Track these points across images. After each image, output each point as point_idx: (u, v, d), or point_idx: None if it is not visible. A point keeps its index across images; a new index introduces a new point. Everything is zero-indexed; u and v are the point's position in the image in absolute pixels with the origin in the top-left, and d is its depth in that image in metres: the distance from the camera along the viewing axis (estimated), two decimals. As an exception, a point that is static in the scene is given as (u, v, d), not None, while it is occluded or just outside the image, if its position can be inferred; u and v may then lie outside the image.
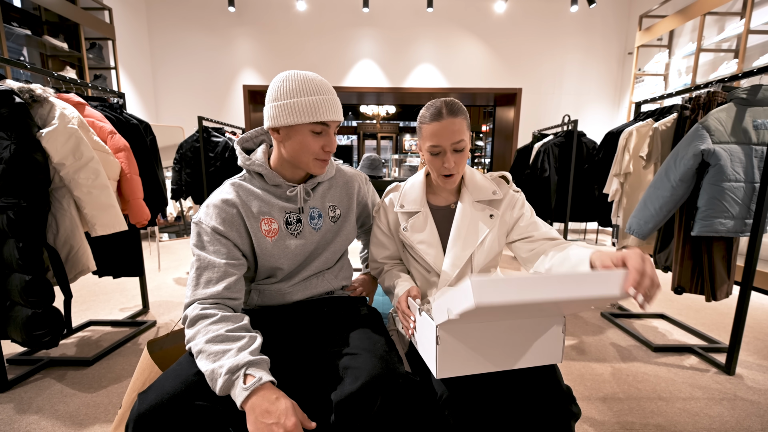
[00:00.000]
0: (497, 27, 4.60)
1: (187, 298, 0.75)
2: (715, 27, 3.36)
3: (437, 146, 0.85)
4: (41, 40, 3.07)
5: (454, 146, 0.85)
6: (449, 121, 0.83)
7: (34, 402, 1.33)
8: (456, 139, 0.84)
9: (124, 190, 1.66)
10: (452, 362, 0.67)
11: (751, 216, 1.47)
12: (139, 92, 4.35)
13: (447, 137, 0.84)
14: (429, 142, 0.86)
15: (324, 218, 0.91)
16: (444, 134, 0.84)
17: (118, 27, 3.86)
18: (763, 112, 1.46)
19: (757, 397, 1.39)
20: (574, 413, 0.70)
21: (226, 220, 0.80)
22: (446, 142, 0.84)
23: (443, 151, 0.86)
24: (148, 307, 2.19)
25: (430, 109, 0.87)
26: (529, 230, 0.92)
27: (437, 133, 0.84)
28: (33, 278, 1.25)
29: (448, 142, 0.84)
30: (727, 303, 2.21)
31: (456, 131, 0.84)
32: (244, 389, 0.60)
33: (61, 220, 1.38)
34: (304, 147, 0.80)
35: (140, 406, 0.61)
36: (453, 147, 0.85)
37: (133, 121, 1.83)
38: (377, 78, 4.73)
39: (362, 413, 0.65)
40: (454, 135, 0.84)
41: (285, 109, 0.77)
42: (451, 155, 0.85)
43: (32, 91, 1.29)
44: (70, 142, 1.33)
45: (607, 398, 1.38)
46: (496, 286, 0.53)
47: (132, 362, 1.61)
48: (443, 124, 0.84)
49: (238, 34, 4.58)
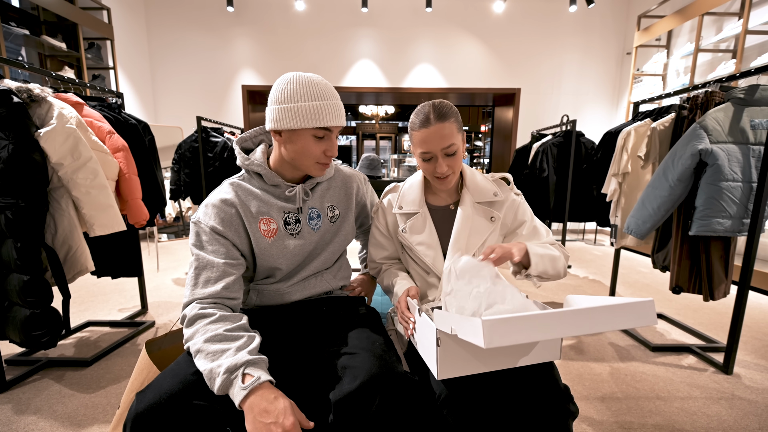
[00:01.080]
0: (496, 27, 4.61)
1: (185, 298, 0.75)
2: (713, 27, 3.36)
3: (428, 153, 0.85)
4: (39, 39, 3.07)
5: (445, 151, 0.84)
6: (438, 127, 0.82)
7: (33, 402, 1.33)
8: (446, 144, 0.83)
9: (123, 191, 1.65)
10: (453, 363, 0.67)
11: (749, 216, 1.47)
12: (137, 92, 4.35)
13: (436, 143, 0.83)
14: (419, 148, 0.86)
15: (323, 218, 0.91)
16: (433, 141, 0.83)
17: (116, 27, 3.86)
18: (760, 111, 1.46)
19: (754, 396, 1.39)
20: (572, 412, 0.71)
21: (224, 220, 0.80)
22: (436, 148, 0.84)
23: (434, 156, 0.85)
24: (147, 308, 2.19)
25: (418, 116, 0.86)
26: (530, 239, 0.93)
27: (426, 140, 0.84)
28: (31, 278, 1.25)
29: (438, 147, 0.84)
30: (725, 302, 2.21)
31: (445, 136, 0.83)
32: (243, 388, 0.60)
33: (60, 221, 1.37)
34: (305, 151, 0.80)
35: (138, 405, 0.61)
36: (444, 152, 0.84)
37: (131, 121, 1.83)
38: (376, 78, 4.73)
39: (361, 413, 0.65)
40: (443, 140, 0.83)
41: (288, 113, 0.77)
42: (443, 160, 0.85)
43: (30, 91, 1.29)
44: (68, 142, 1.32)
45: (606, 398, 1.38)
46: (509, 326, 0.51)
47: (131, 363, 1.60)
48: (431, 131, 0.83)
49: (236, 34, 4.58)
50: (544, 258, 0.82)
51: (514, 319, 0.52)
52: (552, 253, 0.84)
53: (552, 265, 0.83)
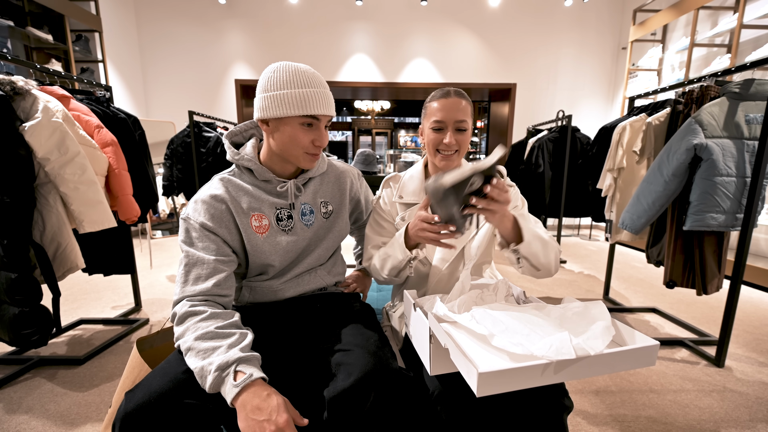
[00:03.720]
0: (491, 21, 4.58)
1: (175, 296, 0.74)
2: (709, 21, 3.37)
3: (441, 121, 0.87)
4: (25, 31, 2.99)
5: (457, 125, 0.86)
6: (455, 100, 0.86)
7: (24, 402, 1.31)
8: (459, 117, 0.86)
9: (113, 186, 1.62)
10: (446, 359, 0.67)
11: (742, 210, 1.48)
12: (128, 87, 4.27)
13: (452, 114, 0.86)
14: (433, 117, 0.88)
15: (316, 214, 0.90)
16: (449, 110, 0.86)
17: (105, 19, 3.77)
18: (755, 106, 1.47)
19: (745, 389, 1.41)
20: (566, 406, 0.71)
21: (215, 216, 0.78)
22: (450, 117, 0.86)
23: (445, 127, 0.87)
24: (141, 305, 2.17)
25: (439, 91, 0.89)
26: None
27: (443, 108, 0.86)
28: (19, 276, 1.23)
29: (452, 118, 0.86)
30: (718, 297, 2.24)
31: (461, 110, 0.86)
32: (235, 386, 0.59)
33: (48, 217, 1.35)
34: (293, 140, 0.78)
35: (127, 405, 0.59)
36: (455, 125, 0.86)
37: (120, 115, 1.79)
38: (371, 73, 4.69)
39: (355, 409, 0.64)
40: (458, 113, 0.86)
41: (275, 101, 0.75)
42: (453, 133, 0.86)
43: (14, 84, 1.25)
44: (54, 136, 1.29)
45: (600, 391, 1.39)
46: (502, 379, 0.51)
47: (124, 360, 1.59)
48: (449, 101, 0.86)
49: (229, 27, 4.50)
50: (537, 240, 0.79)
51: (510, 372, 0.52)
52: (545, 238, 0.81)
53: (544, 251, 0.80)
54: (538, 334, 0.60)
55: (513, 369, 0.51)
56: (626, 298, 2.38)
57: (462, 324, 0.67)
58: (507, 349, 0.58)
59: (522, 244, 0.77)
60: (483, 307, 0.72)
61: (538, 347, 0.56)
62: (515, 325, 0.63)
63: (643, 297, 2.39)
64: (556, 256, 0.84)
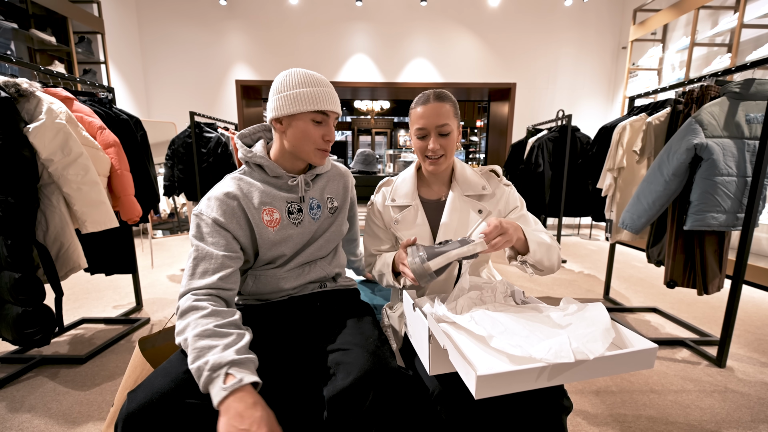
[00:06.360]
0: (491, 21, 4.58)
1: (182, 288, 0.75)
2: (709, 21, 3.36)
3: (422, 129, 0.89)
4: (28, 33, 3.00)
5: (439, 129, 0.88)
6: (435, 105, 0.87)
7: (27, 400, 1.32)
8: (440, 122, 0.87)
9: (115, 187, 1.63)
10: (445, 359, 0.67)
11: (743, 210, 1.48)
12: (130, 88, 4.28)
13: (432, 120, 0.87)
14: (416, 124, 0.90)
15: (323, 209, 0.93)
16: (429, 117, 0.87)
17: (107, 20, 3.79)
18: (755, 106, 1.46)
19: (747, 389, 1.41)
20: (566, 407, 0.71)
21: (226, 212, 0.81)
22: (431, 124, 0.87)
23: (428, 134, 0.89)
24: (142, 305, 2.18)
25: (420, 97, 0.91)
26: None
27: (423, 115, 0.88)
28: (22, 276, 1.23)
29: (433, 124, 0.87)
30: (719, 297, 2.23)
31: (441, 114, 0.87)
32: (223, 389, 0.59)
33: (51, 217, 1.35)
34: (305, 135, 0.83)
35: (129, 405, 0.60)
36: (438, 130, 0.88)
37: (123, 116, 1.80)
38: (371, 73, 4.69)
39: (354, 409, 0.65)
40: (439, 118, 0.87)
41: (288, 99, 0.81)
42: (436, 138, 0.88)
43: (18, 86, 1.26)
44: (58, 137, 1.30)
45: (600, 391, 1.39)
46: (500, 381, 0.51)
47: (126, 360, 1.60)
48: (428, 108, 0.87)
49: (230, 29, 4.52)
50: (542, 246, 0.82)
51: (508, 374, 0.52)
52: (548, 242, 0.84)
53: (548, 255, 0.82)
54: (537, 336, 0.60)
55: (511, 372, 0.52)
56: (627, 297, 2.38)
57: (461, 325, 0.68)
58: (506, 350, 0.58)
59: (528, 254, 0.80)
60: (482, 308, 0.72)
61: (537, 350, 0.56)
62: (514, 326, 0.64)
63: (643, 297, 2.39)
64: (558, 255, 0.86)
